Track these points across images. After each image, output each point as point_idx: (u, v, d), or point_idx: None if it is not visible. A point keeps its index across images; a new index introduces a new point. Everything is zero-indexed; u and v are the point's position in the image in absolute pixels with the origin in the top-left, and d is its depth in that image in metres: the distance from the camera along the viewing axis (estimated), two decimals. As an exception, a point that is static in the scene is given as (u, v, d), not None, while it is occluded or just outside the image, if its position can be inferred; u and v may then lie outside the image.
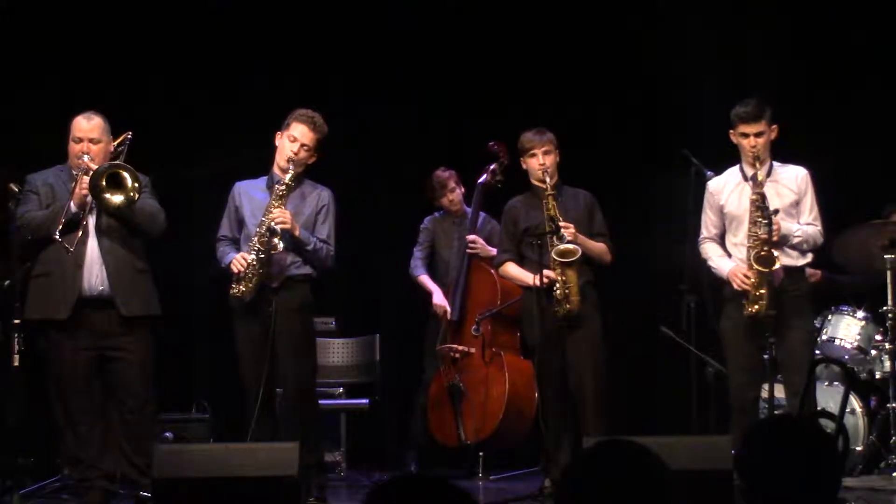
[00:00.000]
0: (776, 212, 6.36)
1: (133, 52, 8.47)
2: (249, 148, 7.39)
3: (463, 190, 8.22)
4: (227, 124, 8.47)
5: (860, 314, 7.58)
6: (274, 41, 8.75)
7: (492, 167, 8.06)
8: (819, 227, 6.57)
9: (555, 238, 6.73)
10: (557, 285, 6.69)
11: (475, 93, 8.85)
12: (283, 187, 6.55)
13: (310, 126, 6.64)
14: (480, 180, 8.07)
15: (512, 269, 7.01)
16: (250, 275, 6.50)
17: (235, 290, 6.53)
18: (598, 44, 8.78)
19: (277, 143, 6.70)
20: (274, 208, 6.51)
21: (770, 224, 6.30)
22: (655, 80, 8.64)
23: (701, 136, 7.61)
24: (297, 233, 6.55)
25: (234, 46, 8.69)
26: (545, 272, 6.72)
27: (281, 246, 6.48)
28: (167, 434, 7.53)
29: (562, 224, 6.72)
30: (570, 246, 6.69)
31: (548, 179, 6.82)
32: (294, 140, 6.63)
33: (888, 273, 7.28)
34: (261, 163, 6.88)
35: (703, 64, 8.42)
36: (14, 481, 6.31)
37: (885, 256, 7.32)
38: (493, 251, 7.90)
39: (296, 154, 6.60)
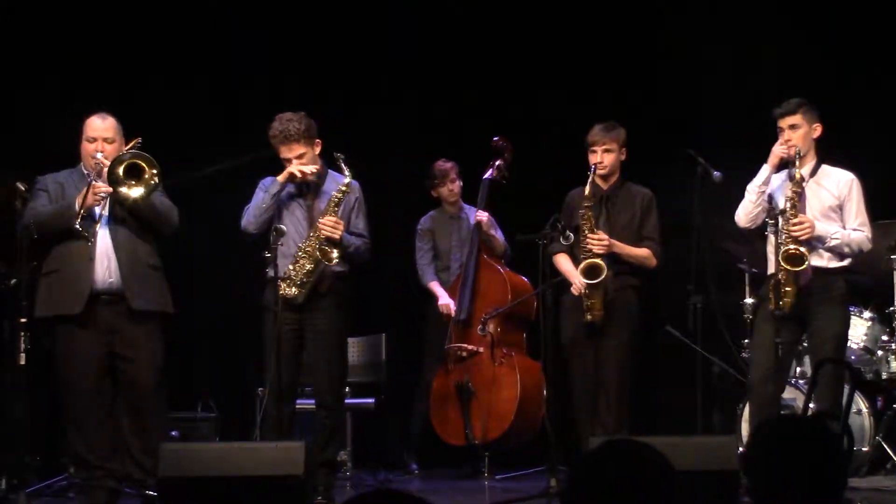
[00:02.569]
0: (782, 212, 6.36)
1: (134, 52, 8.49)
2: (252, 148, 7.39)
3: (461, 183, 8.23)
4: (229, 124, 8.48)
5: (866, 314, 7.57)
6: (274, 40, 8.76)
7: (497, 163, 8.06)
8: (866, 234, 6.53)
9: (561, 238, 6.82)
10: (583, 297, 6.81)
11: (478, 91, 8.85)
12: (340, 195, 6.60)
13: (286, 142, 6.63)
14: (486, 176, 8.07)
15: (562, 263, 7.03)
16: (303, 279, 6.51)
17: (285, 292, 6.50)
18: (602, 42, 8.79)
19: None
20: (326, 218, 6.54)
21: (777, 224, 6.31)
22: (661, 78, 8.64)
23: (706, 135, 7.61)
24: (340, 238, 6.58)
25: (233, 46, 8.70)
26: (576, 282, 6.84)
27: (336, 260, 6.50)
28: (173, 433, 7.53)
29: (594, 237, 6.77)
30: (596, 260, 6.78)
31: (587, 188, 6.86)
32: (289, 160, 6.65)
33: (894, 273, 7.29)
34: (263, 163, 6.89)
35: (709, 64, 8.42)
36: (20, 480, 6.30)
37: (892, 257, 7.32)
38: (495, 232, 7.95)
39: (304, 164, 6.63)
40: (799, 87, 8.06)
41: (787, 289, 6.35)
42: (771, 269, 6.46)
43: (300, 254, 6.57)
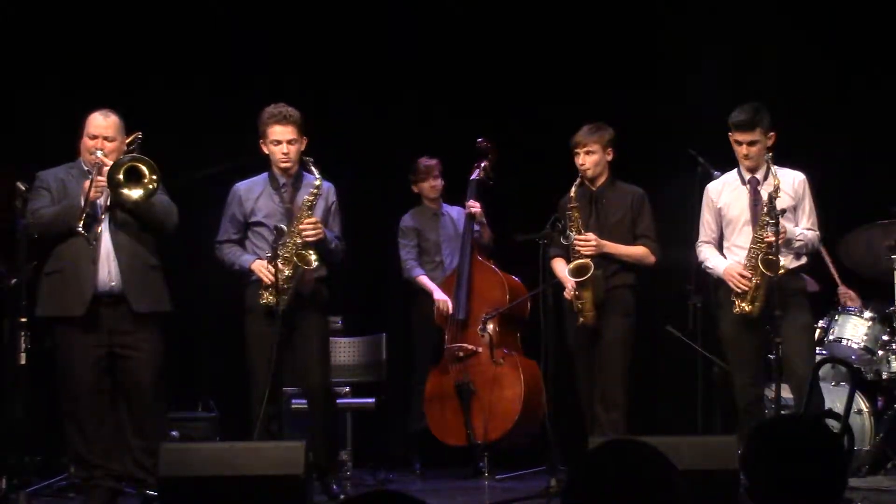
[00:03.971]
0: (783, 212, 6.38)
1: (134, 51, 8.48)
2: (253, 146, 7.40)
3: (443, 181, 8.25)
4: (230, 123, 8.47)
5: (867, 314, 7.56)
6: (274, 40, 8.75)
7: (483, 164, 8.08)
8: (817, 233, 6.66)
9: (562, 238, 6.84)
10: (573, 299, 6.85)
11: (483, 91, 8.85)
12: (312, 197, 6.60)
13: (282, 122, 6.67)
14: (472, 177, 8.08)
15: (558, 268, 7.04)
16: (284, 286, 6.50)
17: (266, 300, 6.51)
18: (601, 43, 8.78)
19: (266, 151, 6.73)
20: (305, 221, 6.55)
21: (777, 225, 6.32)
22: (661, 78, 8.63)
23: (706, 136, 7.61)
24: (323, 236, 6.62)
25: (234, 45, 8.69)
26: (568, 285, 6.85)
27: (316, 265, 6.50)
28: (173, 433, 7.53)
29: (580, 238, 6.79)
30: (584, 261, 6.79)
31: (572, 190, 6.85)
32: (278, 143, 6.67)
33: (895, 273, 7.29)
34: (261, 163, 6.91)
35: (709, 64, 8.41)
36: (21, 479, 6.30)
37: (892, 256, 7.33)
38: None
39: (287, 154, 6.64)
40: (799, 88, 8.10)
41: (758, 293, 6.42)
42: None
43: (280, 261, 6.56)
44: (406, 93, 9.01)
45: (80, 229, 6.15)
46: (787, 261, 6.52)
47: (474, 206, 7.98)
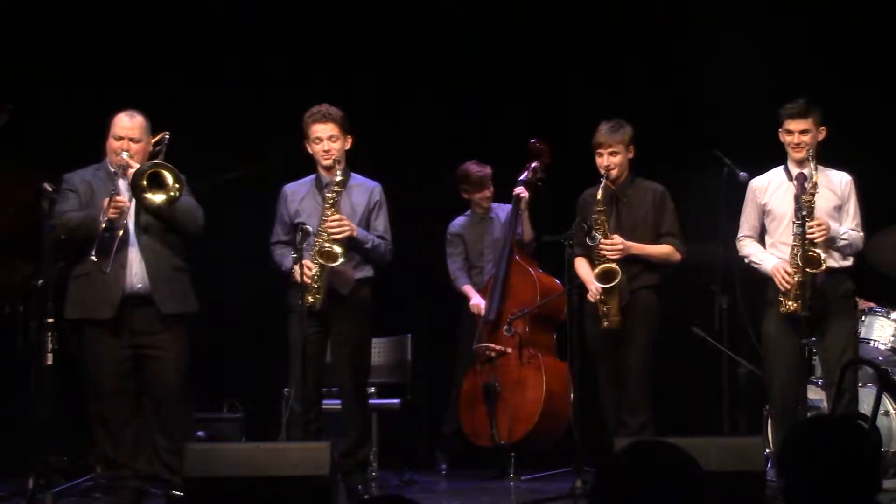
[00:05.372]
0: (810, 215, 6.35)
1: (162, 56, 8.51)
2: (279, 148, 7.41)
3: (492, 188, 8.24)
4: (257, 125, 8.49)
5: (894, 315, 7.52)
6: (303, 41, 8.77)
7: (533, 165, 8.03)
8: (861, 234, 6.58)
9: (587, 239, 6.78)
10: (599, 303, 6.78)
11: (506, 89, 8.84)
12: (334, 194, 6.59)
13: (322, 120, 6.68)
14: (521, 177, 8.03)
15: (580, 267, 6.99)
16: (315, 285, 6.53)
17: (303, 301, 6.49)
18: (629, 41, 8.76)
19: (310, 151, 6.75)
20: (330, 218, 6.54)
21: (803, 226, 6.29)
22: (688, 79, 8.61)
23: (733, 136, 7.59)
24: (355, 234, 6.60)
25: (262, 47, 8.72)
26: (592, 287, 6.78)
27: (341, 260, 6.50)
28: (199, 433, 7.55)
29: (606, 242, 6.73)
30: (611, 265, 6.72)
31: (599, 192, 6.81)
32: (319, 141, 6.68)
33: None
34: (291, 162, 6.91)
35: (737, 63, 8.38)
36: (47, 480, 6.32)
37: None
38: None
39: (328, 152, 6.65)
40: (825, 86, 8.05)
41: (801, 290, 6.37)
42: None
43: (308, 260, 6.57)
44: (435, 90, 8.98)
45: (93, 256, 6.18)
46: (833, 261, 6.47)
47: (523, 193, 7.96)
